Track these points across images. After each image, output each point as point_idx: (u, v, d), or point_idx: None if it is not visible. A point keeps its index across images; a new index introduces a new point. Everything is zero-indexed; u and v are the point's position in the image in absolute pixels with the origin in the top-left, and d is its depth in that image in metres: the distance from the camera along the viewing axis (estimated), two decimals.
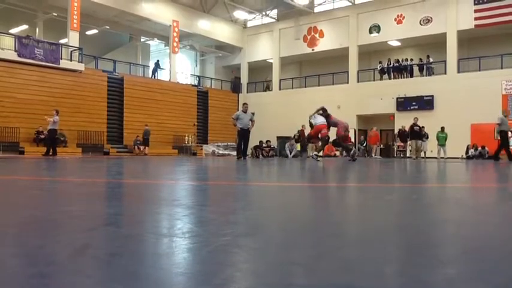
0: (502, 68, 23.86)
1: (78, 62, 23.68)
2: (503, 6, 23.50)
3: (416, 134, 19.80)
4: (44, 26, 27.05)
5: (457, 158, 22.00)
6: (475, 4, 24.41)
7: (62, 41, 24.99)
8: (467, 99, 23.89)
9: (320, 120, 13.04)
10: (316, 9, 31.09)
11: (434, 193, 3.86)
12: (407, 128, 20.84)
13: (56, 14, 26.37)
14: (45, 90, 22.07)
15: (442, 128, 21.14)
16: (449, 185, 4.86)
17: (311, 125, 13.33)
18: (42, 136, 21.20)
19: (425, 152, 21.41)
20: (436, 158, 20.30)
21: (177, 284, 0.99)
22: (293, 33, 31.67)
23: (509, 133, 15.93)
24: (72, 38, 24.05)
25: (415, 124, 19.86)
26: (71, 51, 23.66)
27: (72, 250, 1.31)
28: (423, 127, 20.87)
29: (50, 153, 17.29)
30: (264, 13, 32.72)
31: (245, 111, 14.22)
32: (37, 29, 26.70)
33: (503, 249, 1.41)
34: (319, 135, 13.02)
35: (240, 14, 32.78)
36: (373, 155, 23.79)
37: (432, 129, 21.11)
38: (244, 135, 14.02)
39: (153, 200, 2.91)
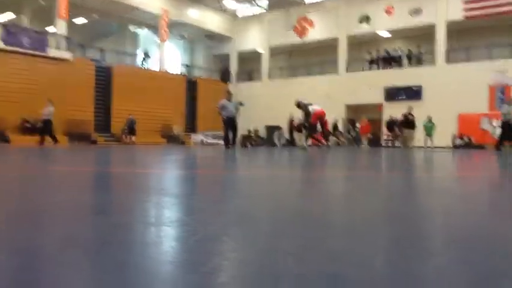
0: (490, 59, 24.04)
1: (66, 50, 23.40)
2: None
3: (411, 123, 19.70)
4: (31, 13, 26.65)
5: (444, 147, 22.20)
6: None
7: (50, 30, 24.66)
8: (455, 90, 24.09)
9: (317, 106, 13.24)
10: None
11: (423, 182, 3.89)
12: (399, 118, 20.82)
13: (43, 2, 25.97)
14: (32, 78, 21.81)
15: (430, 118, 21.28)
16: (439, 175, 4.90)
17: (308, 113, 13.33)
18: (29, 125, 21.00)
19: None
20: (423, 147, 20.45)
21: (165, 272, 0.99)
22: (283, 23, 31.58)
23: (494, 123, 15.85)
24: (60, 27, 23.75)
25: (409, 113, 19.75)
26: (59, 40, 23.36)
27: (60, 240, 1.30)
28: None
29: (54, 141, 17.21)
30: (253, 2, 32.54)
31: (229, 100, 14.19)
32: (24, 17, 26.29)
33: (492, 239, 1.43)
34: (322, 122, 13.16)
35: (229, 3, 32.59)
36: (363, 144, 23.95)
37: (420, 119, 21.25)
38: (230, 123, 13.99)
39: (141, 189, 2.90)
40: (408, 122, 19.68)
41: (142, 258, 1.10)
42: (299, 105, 13.95)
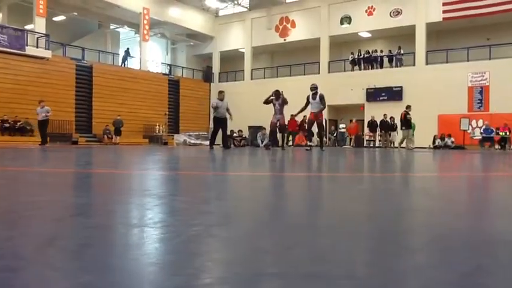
0: (468, 60, 24.43)
1: (45, 49, 23.04)
2: None
3: (408, 122, 19.10)
4: (9, 10, 26.15)
5: (425, 148, 22.47)
6: None
7: (28, 27, 24.25)
8: (434, 91, 24.41)
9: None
10: None
11: (408, 182, 3.93)
12: (394, 117, 20.87)
13: None
14: (10, 77, 21.44)
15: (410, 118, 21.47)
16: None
17: (324, 105, 13.07)
18: (7, 125, 20.65)
19: (393, 142, 21.82)
20: (404, 148, 20.66)
21: (148, 274, 0.99)
22: (265, 23, 31.60)
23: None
24: (39, 24, 23.37)
25: (407, 112, 19.14)
26: (37, 38, 22.99)
27: (40, 242, 1.28)
28: (392, 118, 21.20)
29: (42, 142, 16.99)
30: (235, 2, 32.49)
31: (221, 99, 14.05)
32: (1, 14, 25.80)
33: (469, 239, 1.46)
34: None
35: (211, 2, 32.47)
36: (349, 144, 24.45)
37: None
38: (219, 123, 13.87)
39: (123, 190, 2.88)
40: (406, 121, 19.14)
41: (124, 260, 1.09)
42: (323, 97, 13.09)
